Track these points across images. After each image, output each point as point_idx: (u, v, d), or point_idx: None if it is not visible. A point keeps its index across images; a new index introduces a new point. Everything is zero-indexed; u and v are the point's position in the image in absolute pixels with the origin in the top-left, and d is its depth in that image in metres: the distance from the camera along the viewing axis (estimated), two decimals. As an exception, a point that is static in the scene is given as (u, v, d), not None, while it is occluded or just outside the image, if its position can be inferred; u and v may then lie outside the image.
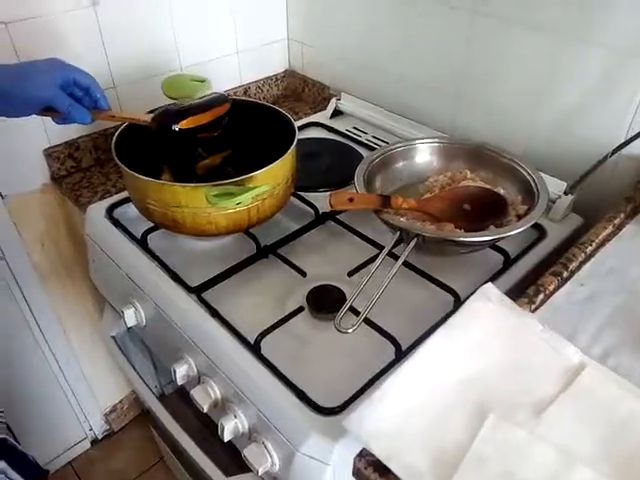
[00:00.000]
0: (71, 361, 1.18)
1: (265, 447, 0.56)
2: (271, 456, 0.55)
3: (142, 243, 0.73)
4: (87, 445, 1.34)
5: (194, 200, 0.63)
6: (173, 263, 0.70)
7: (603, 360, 0.53)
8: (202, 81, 0.88)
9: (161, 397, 0.98)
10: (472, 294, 0.58)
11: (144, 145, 0.75)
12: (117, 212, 0.80)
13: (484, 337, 0.53)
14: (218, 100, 0.75)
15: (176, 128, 0.68)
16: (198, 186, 0.62)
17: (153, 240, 0.74)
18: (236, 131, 0.83)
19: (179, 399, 0.92)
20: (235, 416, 0.58)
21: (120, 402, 1.35)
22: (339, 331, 0.55)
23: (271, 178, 0.67)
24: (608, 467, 0.43)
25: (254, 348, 0.59)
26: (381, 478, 0.43)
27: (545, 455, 0.43)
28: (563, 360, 0.51)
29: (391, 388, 0.48)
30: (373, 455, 0.44)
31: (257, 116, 0.81)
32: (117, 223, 0.78)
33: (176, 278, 0.68)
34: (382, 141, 0.99)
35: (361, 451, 0.45)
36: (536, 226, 0.76)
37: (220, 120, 0.74)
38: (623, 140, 0.73)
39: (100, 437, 1.35)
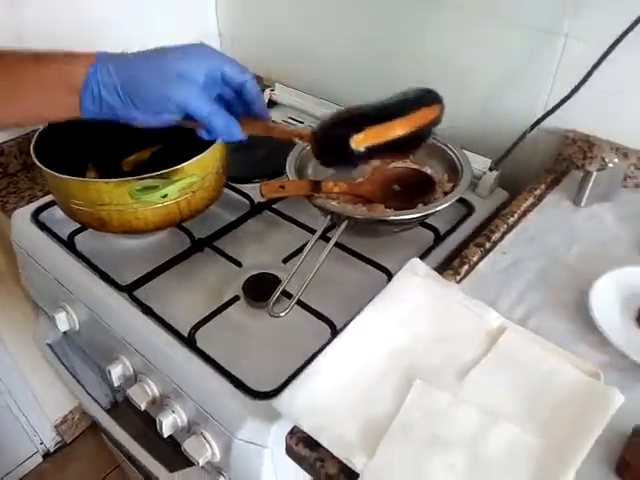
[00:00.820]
0: (12, 373, 1.13)
1: (204, 438, 0.55)
2: (211, 446, 0.55)
3: (69, 245, 0.71)
4: (39, 459, 1.29)
5: (119, 197, 0.62)
6: (104, 263, 0.69)
7: (524, 322, 0.56)
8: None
9: (113, 405, 0.96)
10: (401, 270, 0.60)
11: (68, 144, 0.72)
12: (43, 216, 0.77)
13: (411, 309, 0.54)
14: (422, 98, 0.48)
15: (357, 148, 0.43)
16: (121, 181, 0.61)
17: (82, 241, 0.72)
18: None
19: (128, 404, 0.91)
20: (173, 411, 0.58)
21: (70, 412, 1.31)
22: (272, 316, 0.55)
23: (199, 169, 0.66)
24: (530, 423, 0.45)
25: (189, 341, 0.58)
26: (312, 453, 0.44)
27: (469, 416, 0.45)
28: (485, 325, 0.53)
29: (321, 365, 0.49)
30: (304, 432, 0.45)
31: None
32: (43, 227, 0.75)
33: (106, 278, 0.66)
34: (317, 129, 0.99)
35: (292, 429, 0.46)
36: (464, 203, 0.78)
37: (426, 131, 0.47)
38: (540, 115, 0.76)
39: (52, 450, 1.31)
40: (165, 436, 0.59)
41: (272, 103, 1.07)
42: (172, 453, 0.66)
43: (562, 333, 0.55)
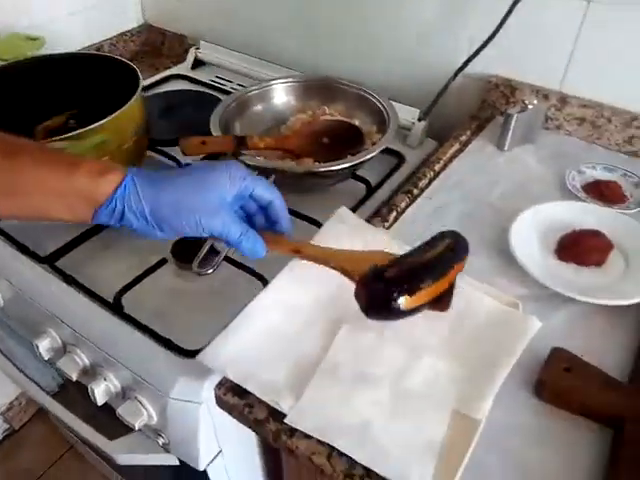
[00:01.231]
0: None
1: (139, 402, 0.55)
2: (146, 409, 0.54)
3: (-16, 219, 0.67)
4: (-13, 449, 1.26)
5: (28, 162, 0.58)
6: (23, 235, 0.65)
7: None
8: (35, 39, 0.81)
9: (62, 387, 0.93)
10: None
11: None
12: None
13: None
14: (458, 252, 0.47)
15: (405, 308, 0.42)
16: (27, 145, 0.57)
17: (-2, 214, 0.68)
18: (80, 88, 0.77)
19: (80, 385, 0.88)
20: (105, 378, 0.57)
21: (17, 399, 1.27)
22: (199, 274, 0.54)
23: (114, 129, 0.63)
24: (451, 354, 0.47)
25: (115, 307, 0.56)
26: (241, 400, 0.44)
27: (393, 353, 0.47)
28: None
29: (247, 316, 0.48)
30: (233, 382, 0.45)
31: (101, 71, 0.76)
32: (-47, 201, 0.70)
33: (25, 250, 0.63)
34: (247, 88, 0.97)
35: (221, 380, 0.46)
36: (395, 154, 0.79)
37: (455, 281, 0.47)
38: (462, 62, 0.77)
39: (0, 438, 1.27)
40: (99, 404, 0.57)
41: (200, 62, 1.03)
42: (112, 422, 0.65)
43: (484, 269, 0.57)
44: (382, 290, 0.42)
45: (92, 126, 0.60)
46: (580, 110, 0.73)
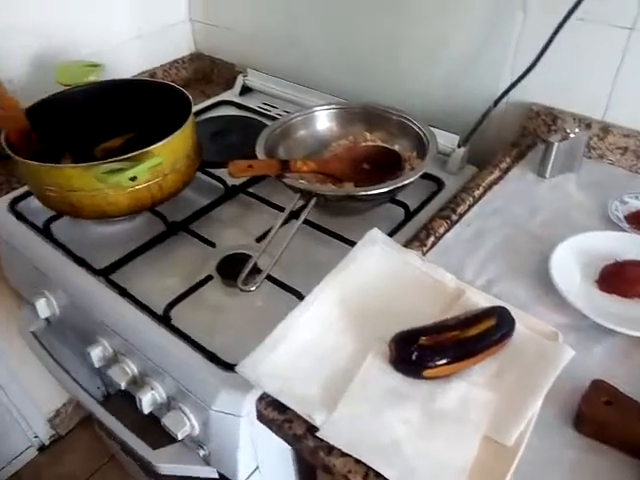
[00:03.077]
0: (1, 369, 1.14)
1: (183, 412, 0.57)
2: (189, 419, 0.57)
3: (45, 232, 0.72)
4: (34, 453, 1.30)
5: (88, 181, 0.63)
6: (80, 249, 0.70)
7: (488, 289, 0.58)
8: (95, 66, 0.87)
9: (106, 397, 0.97)
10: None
11: (44, 132, 0.74)
12: (21, 206, 0.78)
13: (371, 275, 0.56)
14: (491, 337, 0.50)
15: (424, 375, 0.47)
16: (88, 166, 0.62)
17: (59, 229, 0.73)
18: (137, 113, 0.82)
19: (120, 395, 0.91)
20: (152, 388, 0.60)
21: (64, 406, 1.32)
22: (242, 290, 0.57)
23: (169, 152, 0.67)
24: (482, 379, 0.47)
25: (164, 319, 0.60)
26: (280, 415, 0.46)
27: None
28: (443, 288, 0.55)
29: (283, 331, 0.50)
30: (273, 397, 0.47)
31: (156, 97, 0.81)
32: (20, 216, 0.76)
33: (82, 263, 0.68)
34: (292, 114, 1.00)
35: (262, 395, 0.48)
36: (435, 179, 0.80)
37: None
38: (503, 90, 0.78)
39: (47, 443, 1.32)
40: (146, 412, 0.60)
41: (247, 89, 1.08)
42: (154, 433, 0.68)
43: (524, 297, 0.57)
44: (411, 355, 0.47)
45: (148, 149, 0.64)
46: (623, 139, 0.73)
